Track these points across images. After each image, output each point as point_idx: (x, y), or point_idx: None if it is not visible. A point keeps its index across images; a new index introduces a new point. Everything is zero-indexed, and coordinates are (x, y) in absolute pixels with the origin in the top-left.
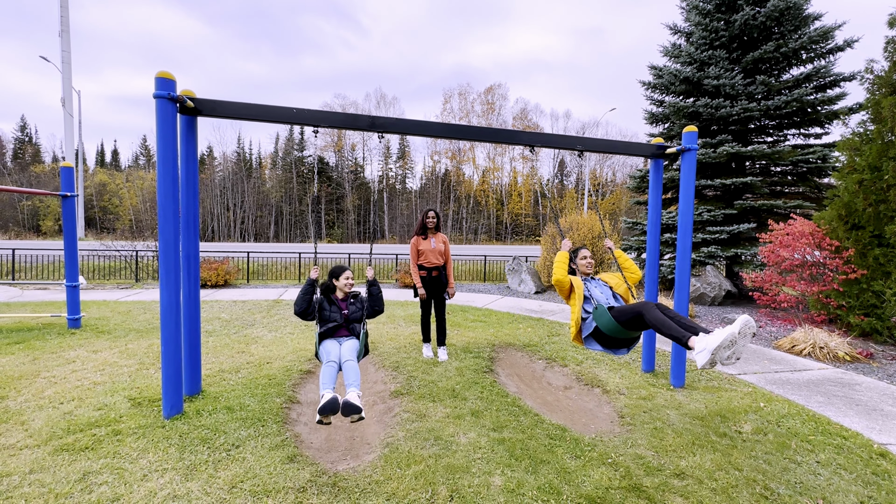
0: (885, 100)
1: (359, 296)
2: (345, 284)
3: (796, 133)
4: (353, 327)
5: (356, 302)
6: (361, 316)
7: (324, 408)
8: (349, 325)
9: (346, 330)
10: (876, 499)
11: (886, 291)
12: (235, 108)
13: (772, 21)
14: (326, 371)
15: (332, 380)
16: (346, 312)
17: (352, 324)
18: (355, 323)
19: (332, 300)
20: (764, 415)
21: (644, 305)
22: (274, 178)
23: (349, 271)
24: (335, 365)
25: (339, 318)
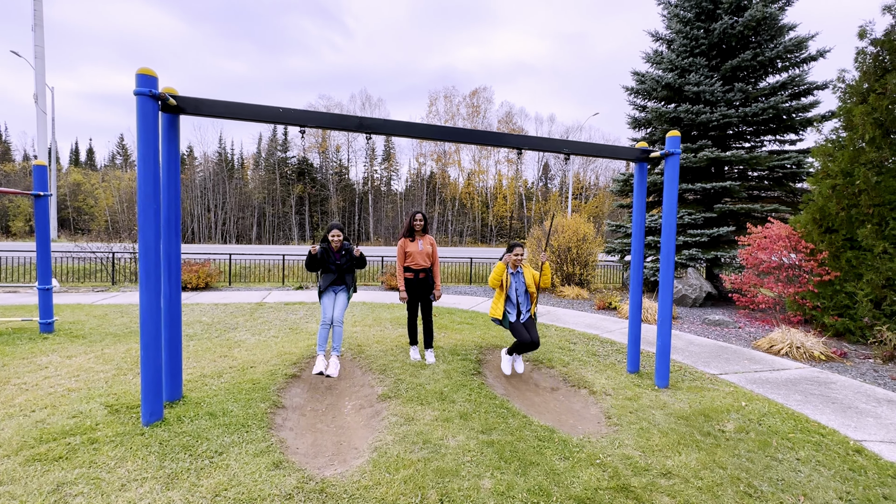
0: (857, 108)
1: (350, 250)
2: (332, 240)
3: (772, 139)
4: (345, 277)
5: (346, 254)
6: (351, 266)
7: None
8: (343, 276)
9: (340, 279)
10: (853, 494)
11: (858, 293)
12: (220, 107)
13: (749, 30)
14: (321, 333)
15: (324, 341)
16: (340, 263)
17: (344, 274)
18: (347, 274)
19: (330, 251)
20: (745, 414)
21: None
22: (256, 179)
23: (336, 229)
24: (327, 327)
25: (334, 269)
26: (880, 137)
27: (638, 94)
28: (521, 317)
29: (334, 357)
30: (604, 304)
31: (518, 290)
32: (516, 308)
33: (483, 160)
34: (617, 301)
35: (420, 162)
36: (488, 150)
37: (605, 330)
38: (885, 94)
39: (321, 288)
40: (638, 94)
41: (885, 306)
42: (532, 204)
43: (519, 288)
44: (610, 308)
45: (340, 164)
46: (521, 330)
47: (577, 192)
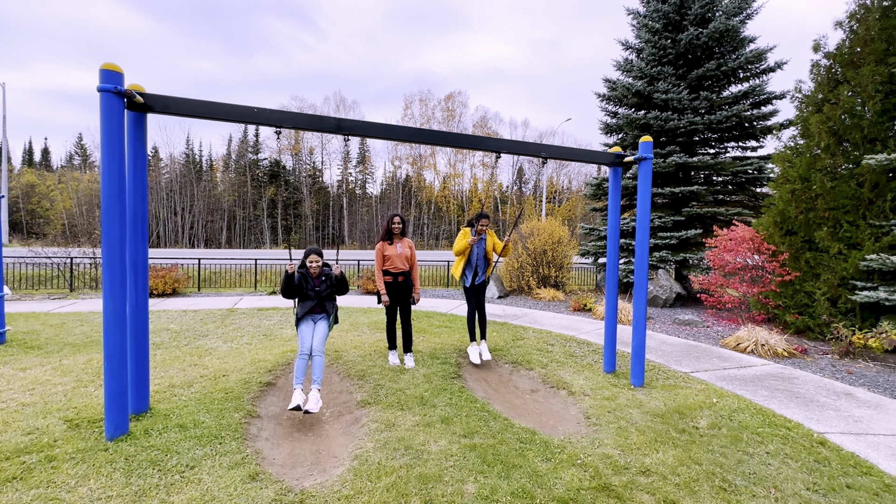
0: (813, 117)
1: (329, 273)
2: (310, 266)
3: (735, 146)
4: (325, 305)
5: (326, 280)
6: (331, 293)
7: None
8: (322, 303)
9: (320, 307)
10: (819, 484)
11: (816, 292)
12: (191, 106)
13: (713, 41)
14: (299, 366)
15: (302, 373)
16: (319, 289)
17: (324, 301)
18: (327, 301)
19: (307, 276)
20: (717, 410)
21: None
22: (226, 182)
23: (314, 254)
24: (306, 359)
25: (313, 296)
26: (834, 145)
27: (609, 101)
28: (476, 279)
29: (314, 390)
30: (579, 305)
31: (479, 255)
32: (473, 271)
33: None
34: (592, 302)
35: (395, 165)
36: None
37: (581, 331)
38: (838, 104)
39: (298, 315)
40: (609, 101)
41: (840, 304)
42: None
43: (480, 253)
44: (585, 309)
45: (314, 166)
46: (471, 295)
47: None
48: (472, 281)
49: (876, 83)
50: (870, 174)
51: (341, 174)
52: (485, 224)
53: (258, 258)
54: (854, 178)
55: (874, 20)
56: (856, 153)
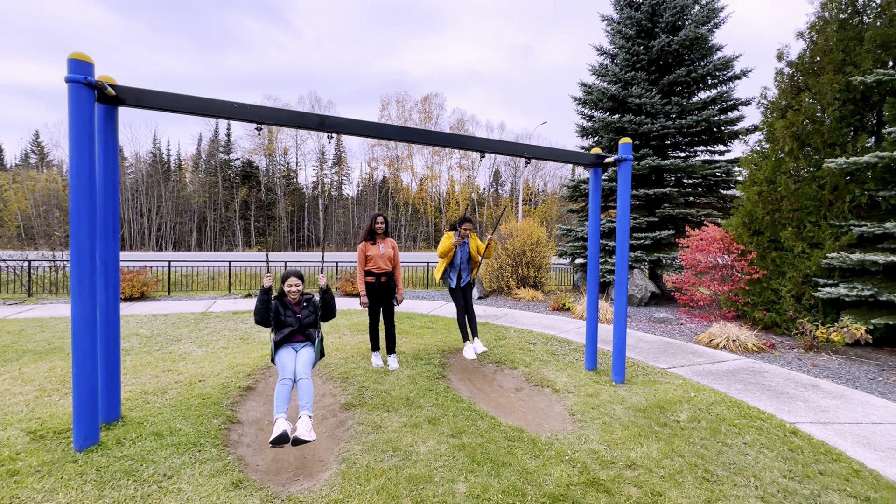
0: (777, 122)
1: (312, 299)
2: (288, 291)
3: (704, 150)
4: (308, 332)
5: (309, 305)
6: (315, 320)
7: (275, 440)
8: (304, 330)
9: (302, 335)
10: (795, 472)
11: (782, 289)
12: (166, 100)
13: (684, 48)
14: (281, 391)
15: (285, 401)
16: (300, 316)
17: (307, 329)
18: (310, 328)
19: (286, 304)
20: (695, 404)
21: (460, 308)
22: (196, 182)
23: (294, 277)
24: (290, 383)
25: (293, 323)
26: (797, 149)
27: (585, 105)
28: (461, 281)
29: (305, 417)
30: (558, 305)
31: (462, 258)
32: (458, 273)
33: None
34: (570, 302)
35: (372, 167)
36: (441, 156)
37: (562, 330)
38: (800, 110)
39: (276, 340)
40: (585, 105)
41: (804, 301)
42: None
43: (463, 256)
44: (564, 309)
45: (288, 167)
46: (458, 296)
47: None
48: (457, 283)
49: (834, 91)
50: (830, 177)
51: (317, 175)
52: (468, 228)
53: (232, 260)
54: (816, 180)
55: (832, 31)
56: (817, 157)
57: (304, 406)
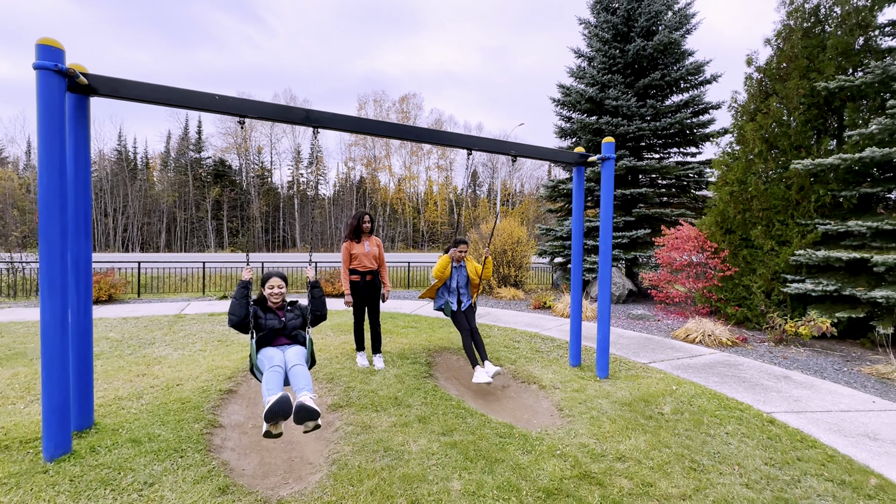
0: (747, 125)
1: (297, 304)
2: (270, 294)
3: (677, 151)
4: (295, 335)
5: (294, 310)
6: (302, 324)
7: (272, 410)
8: (290, 333)
9: (287, 338)
10: (775, 459)
11: (753, 285)
12: (144, 90)
13: (658, 53)
14: (271, 377)
15: (278, 384)
16: (284, 320)
17: (293, 331)
18: (299, 330)
19: (268, 308)
20: (678, 396)
21: (465, 332)
22: (165, 181)
23: (276, 278)
24: (280, 370)
25: (277, 324)
26: (766, 151)
27: (564, 106)
28: (461, 306)
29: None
30: (539, 303)
31: (459, 282)
32: (457, 297)
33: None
34: (551, 300)
35: (349, 166)
36: (419, 157)
37: (544, 328)
38: (768, 113)
39: (257, 339)
40: (564, 106)
41: (773, 296)
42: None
43: (460, 280)
44: (545, 307)
45: (262, 166)
46: (462, 319)
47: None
48: (458, 306)
49: (800, 96)
50: (796, 178)
51: (292, 175)
52: (463, 250)
53: (207, 261)
54: (783, 181)
55: (797, 39)
56: (784, 159)
57: (304, 388)
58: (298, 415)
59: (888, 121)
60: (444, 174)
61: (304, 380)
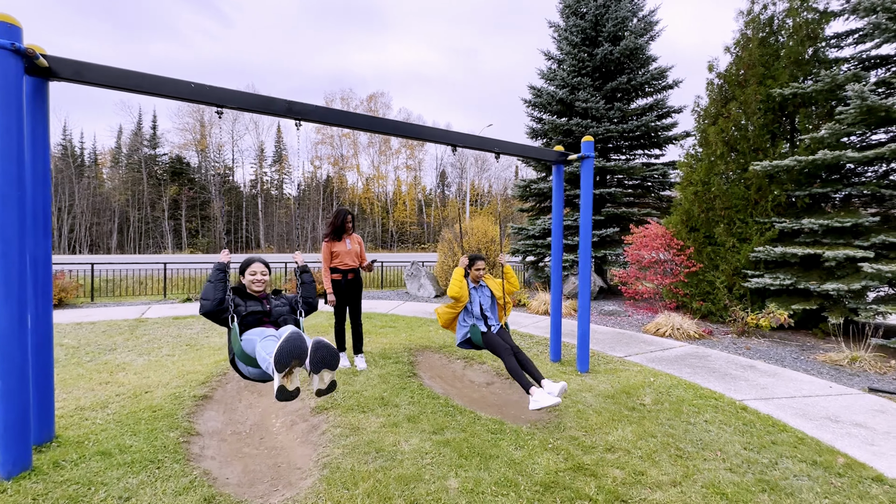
0: (710, 128)
1: (281, 292)
2: (252, 281)
3: (642, 153)
4: (282, 321)
5: (279, 298)
6: (291, 311)
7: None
8: (276, 319)
9: (274, 325)
10: (752, 443)
11: (716, 281)
12: (111, 75)
13: (624, 57)
14: (268, 344)
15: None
16: (270, 307)
17: (279, 318)
18: (288, 315)
19: (248, 296)
20: (656, 388)
21: (505, 351)
22: (116, 179)
23: (258, 264)
24: (277, 338)
25: (260, 308)
26: (727, 153)
27: (535, 107)
28: (492, 329)
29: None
30: (514, 301)
31: (483, 305)
32: (483, 320)
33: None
34: (526, 298)
35: (316, 165)
36: (387, 156)
37: (521, 325)
38: (729, 117)
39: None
40: (535, 107)
41: (735, 291)
42: (431, 210)
43: (484, 302)
44: (520, 305)
45: (224, 164)
46: (496, 340)
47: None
48: (487, 329)
49: (757, 101)
50: (755, 178)
51: (255, 173)
52: (481, 268)
53: (168, 262)
54: (743, 181)
55: (754, 47)
56: (743, 160)
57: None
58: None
59: (837, 126)
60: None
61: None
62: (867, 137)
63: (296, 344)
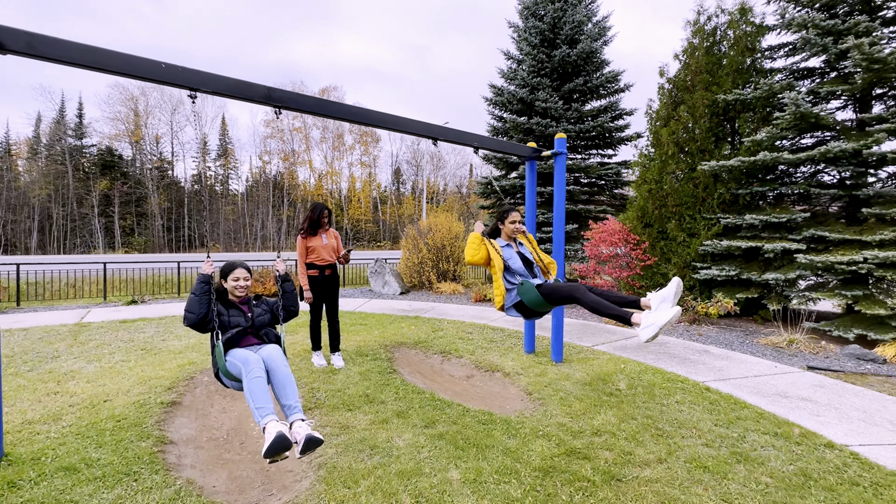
0: (662, 130)
1: (262, 298)
2: (234, 287)
3: (597, 153)
4: (265, 333)
5: (260, 304)
6: (272, 320)
7: (273, 449)
8: (258, 332)
9: (256, 338)
10: (721, 419)
11: (669, 273)
12: (70, 50)
13: (581, 60)
14: (256, 388)
15: (268, 398)
16: (251, 315)
17: (262, 329)
18: (267, 328)
19: (229, 303)
20: (628, 374)
21: (577, 289)
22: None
23: (241, 269)
24: (263, 378)
25: (244, 322)
26: (678, 153)
27: (496, 106)
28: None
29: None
30: (480, 296)
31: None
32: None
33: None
34: (492, 294)
35: (265, 160)
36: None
37: (491, 319)
38: (679, 120)
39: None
40: (496, 106)
41: (686, 282)
42: (387, 208)
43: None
44: (486, 300)
45: (162, 157)
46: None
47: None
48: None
49: (704, 105)
50: (702, 177)
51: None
52: (516, 220)
53: (108, 261)
54: (692, 180)
55: (701, 55)
56: (691, 160)
57: (294, 407)
58: (307, 447)
59: (773, 130)
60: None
61: (292, 393)
62: (797, 141)
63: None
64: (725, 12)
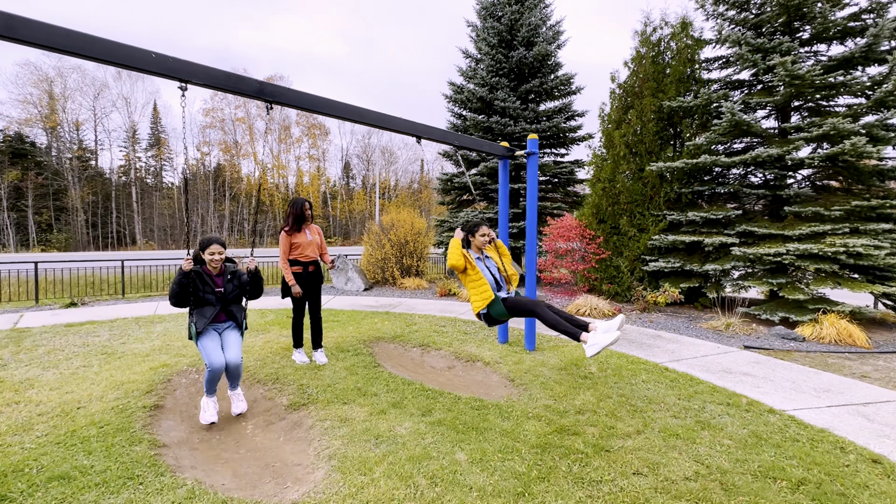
0: (615, 132)
1: (236, 271)
2: (210, 259)
3: (551, 152)
4: (231, 310)
5: (234, 279)
6: (240, 295)
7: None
8: (227, 307)
9: (225, 313)
10: (682, 394)
11: (621, 265)
12: (53, 35)
13: (537, 62)
14: (210, 378)
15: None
16: (222, 290)
17: (230, 305)
18: (234, 305)
19: (205, 278)
20: (597, 359)
21: (538, 306)
22: None
23: (216, 244)
24: (219, 372)
25: (214, 301)
26: (629, 154)
27: (456, 103)
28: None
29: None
30: (445, 291)
31: (494, 272)
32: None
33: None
34: (456, 288)
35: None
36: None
37: (459, 312)
38: (629, 123)
39: (197, 329)
40: (456, 103)
41: (636, 273)
42: (337, 203)
43: (493, 269)
44: (451, 294)
45: (83, 146)
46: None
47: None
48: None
49: (651, 111)
50: (650, 177)
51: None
52: (485, 234)
53: (40, 261)
54: (641, 179)
55: (648, 64)
56: (640, 161)
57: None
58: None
59: (711, 135)
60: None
61: (236, 378)
62: (731, 146)
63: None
64: (669, 25)
